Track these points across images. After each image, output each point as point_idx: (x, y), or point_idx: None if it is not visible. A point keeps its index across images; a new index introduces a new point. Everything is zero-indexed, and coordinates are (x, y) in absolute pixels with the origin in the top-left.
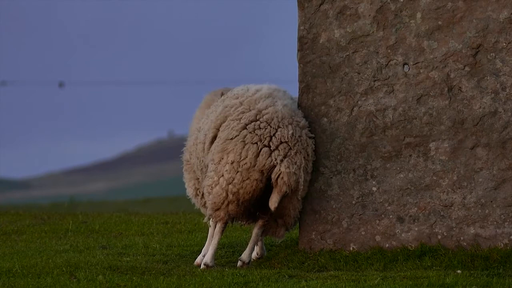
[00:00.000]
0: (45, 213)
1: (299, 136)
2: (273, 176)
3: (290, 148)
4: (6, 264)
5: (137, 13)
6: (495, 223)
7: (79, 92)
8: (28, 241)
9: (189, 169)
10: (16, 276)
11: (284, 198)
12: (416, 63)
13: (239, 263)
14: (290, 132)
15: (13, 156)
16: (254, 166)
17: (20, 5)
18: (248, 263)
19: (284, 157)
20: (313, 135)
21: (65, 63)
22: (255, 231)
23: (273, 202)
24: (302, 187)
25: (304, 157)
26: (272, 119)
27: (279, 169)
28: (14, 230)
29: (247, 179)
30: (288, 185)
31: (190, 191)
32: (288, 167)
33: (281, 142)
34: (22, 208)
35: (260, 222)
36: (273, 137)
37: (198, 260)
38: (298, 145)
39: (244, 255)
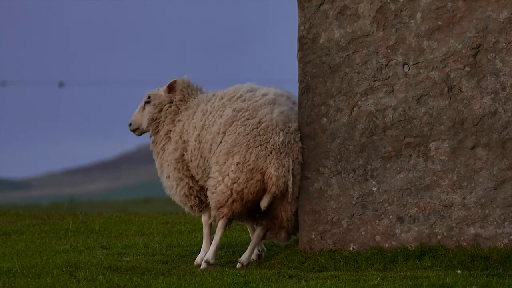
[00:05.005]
0: (45, 213)
1: (288, 142)
2: (265, 177)
3: (281, 153)
4: (6, 264)
5: (137, 13)
6: (495, 223)
7: (79, 92)
8: (28, 241)
9: (180, 168)
10: (16, 276)
11: (274, 199)
12: (416, 63)
13: (238, 265)
14: (281, 139)
15: (13, 156)
16: (256, 168)
17: (20, 5)
18: (247, 265)
19: (276, 160)
20: (298, 141)
21: (65, 63)
22: (257, 231)
23: (263, 201)
24: (291, 189)
25: (292, 160)
26: (268, 127)
27: (270, 171)
28: (14, 230)
29: (251, 179)
30: (277, 186)
31: (180, 190)
32: (278, 169)
33: (274, 148)
34: (22, 208)
35: (263, 223)
36: (268, 144)
37: (198, 260)
38: (287, 149)
39: (244, 257)
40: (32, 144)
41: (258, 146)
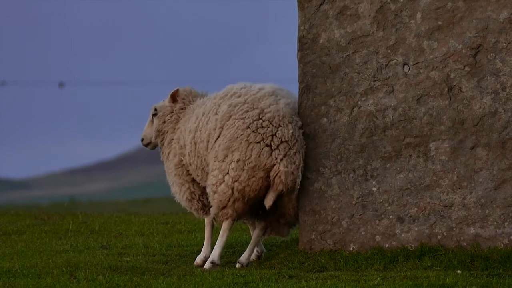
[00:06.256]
0: (45, 213)
1: (298, 136)
2: (272, 174)
3: (290, 148)
4: (6, 264)
5: (137, 13)
6: (495, 223)
7: (79, 92)
8: (28, 241)
9: (180, 173)
10: (16, 276)
11: (283, 197)
12: (416, 63)
13: (237, 265)
14: (291, 132)
15: (13, 156)
16: (258, 165)
17: (20, 5)
18: (247, 265)
19: (284, 156)
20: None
21: (65, 63)
22: (257, 232)
23: (268, 200)
24: (298, 186)
25: (302, 157)
26: (274, 118)
27: (278, 168)
28: (14, 230)
29: (252, 177)
30: (285, 184)
31: (183, 195)
32: (287, 166)
33: (282, 142)
34: (22, 208)
35: (262, 224)
36: (274, 136)
37: (198, 260)
38: (297, 145)
39: (243, 258)
40: (32, 144)
41: (259, 142)
